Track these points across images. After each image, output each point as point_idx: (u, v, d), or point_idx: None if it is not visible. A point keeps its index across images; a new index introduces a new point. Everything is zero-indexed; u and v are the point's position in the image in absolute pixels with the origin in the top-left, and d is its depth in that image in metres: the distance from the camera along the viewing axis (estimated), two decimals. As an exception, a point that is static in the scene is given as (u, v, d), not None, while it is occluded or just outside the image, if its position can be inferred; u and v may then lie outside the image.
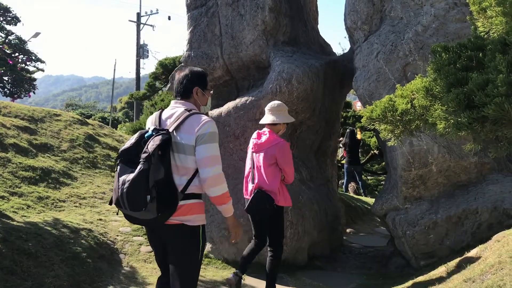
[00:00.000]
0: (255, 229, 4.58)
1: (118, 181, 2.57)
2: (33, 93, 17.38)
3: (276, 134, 4.43)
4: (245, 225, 5.61)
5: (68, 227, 5.17)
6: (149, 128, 2.72)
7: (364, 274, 5.60)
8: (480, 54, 2.53)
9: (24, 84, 16.48)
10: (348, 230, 7.89)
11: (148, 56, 33.42)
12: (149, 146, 2.54)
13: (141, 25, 32.92)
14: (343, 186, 12.31)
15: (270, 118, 4.48)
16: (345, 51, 8.74)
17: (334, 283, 5.24)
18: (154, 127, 2.71)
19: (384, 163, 8.43)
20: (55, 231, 4.92)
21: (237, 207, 5.14)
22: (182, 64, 6.85)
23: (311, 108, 6.13)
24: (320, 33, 7.78)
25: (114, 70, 36.20)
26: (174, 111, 2.82)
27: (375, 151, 12.93)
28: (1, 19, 16.15)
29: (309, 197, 5.98)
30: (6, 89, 16.36)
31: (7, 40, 16.21)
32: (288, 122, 4.65)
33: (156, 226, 2.70)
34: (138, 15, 33.06)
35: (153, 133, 2.63)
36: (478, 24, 2.68)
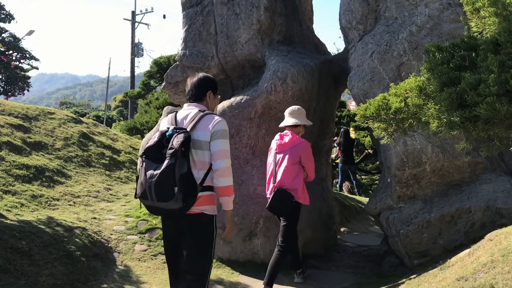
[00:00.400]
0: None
1: (145, 175, 2.80)
2: (27, 91, 17.31)
3: (297, 135, 4.81)
4: (240, 224, 5.62)
5: (62, 226, 5.16)
6: (168, 128, 2.97)
7: (358, 273, 5.62)
8: (473, 54, 2.55)
9: (18, 82, 16.40)
10: (342, 229, 7.91)
11: (143, 55, 33.35)
12: (174, 143, 2.81)
13: (136, 24, 32.83)
14: (338, 185, 12.34)
15: (292, 120, 4.88)
16: (340, 51, 8.76)
17: (328, 282, 5.26)
18: (174, 127, 2.99)
19: (378, 163, 8.46)
20: (49, 230, 4.91)
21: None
22: (177, 63, 6.85)
23: (306, 108, 6.13)
24: (315, 33, 7.80)
25: (109, 69, 36.03)
26: (189, 112, 3.09)
27: (369, 151, 12.97)
28: (-5, 17, 16.07)
29: (304, 196, 5.99)
30: (0, 87, 16.26)
31: (1, 38, 16.12)
32: (307, 125, 5.04)
33: (179, 216, 2.95)
34: (133, 14, 32.95)
35: (174, 132, 2.90)
36: (472, 24, 2.69)
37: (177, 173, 2.76)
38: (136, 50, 32.46)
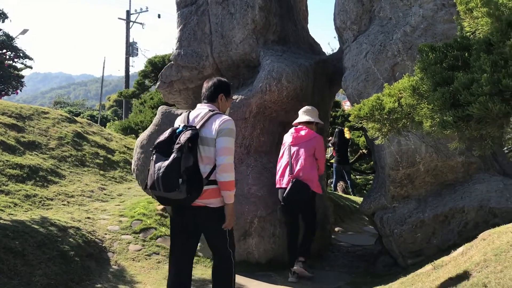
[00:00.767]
0: (291, 217, 5.35)
1: (154, 167, 3.06)
2: (21, 91, 17.22)
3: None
4: (234, 224, 5.60)
5: (56, 226, 5.13)
6: (180, 125, 3.25)
7: (352, 273, 5.63)
8: (466, 54, 2.56)
9: (12, 81, 16.32)
10: (337, 229, 7.93)
11: (138, 54, 33.21)
12: (181, 139, 3.07)
13: (131, 23, 32.71)
14: (332, 185, 12.35)
15: (306, 118, 5.38)
16: (335, 51, 8.77)
17: (323, 282, 5.27)
18: (184, 124, 3.25)
19: (373, 163, 8.47)
20: (43, 230, 4.89)
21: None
22: (172, 63, 6.83)
23: (301, 107, 6.15)
24: (310, 33, 7.81)
25: (103, 68, 35.92)
26: (200, 112, 3.37)
27: (364, 151, 12.99)
28: (-12, 16, 15.98)
29: (298, 196, 5.99)
30: (-7, 86, 16.17)
31: (-5, 37, 16.03)
32: (319, 123, 5.51)
33: (184, 206, 3.20)
34: (128, 13, 32.83)
35: (184, 129, 3.17)
36: (465, 24, 2.71)
37: (183, 166, 2.99)
38: (131, 50, 32.35)
